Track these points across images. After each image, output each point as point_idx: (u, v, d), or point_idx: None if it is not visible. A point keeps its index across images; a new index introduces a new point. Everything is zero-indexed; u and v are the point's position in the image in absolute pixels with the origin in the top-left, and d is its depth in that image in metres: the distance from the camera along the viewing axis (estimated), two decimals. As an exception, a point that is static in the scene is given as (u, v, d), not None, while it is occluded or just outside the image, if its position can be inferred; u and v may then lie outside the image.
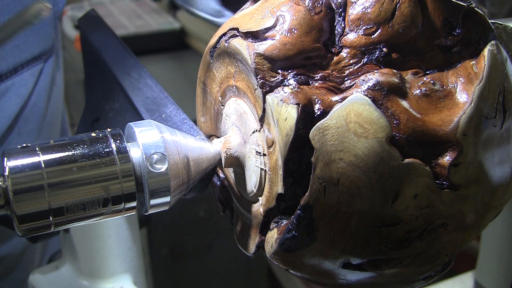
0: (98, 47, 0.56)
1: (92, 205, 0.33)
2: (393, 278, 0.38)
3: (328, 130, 0.33)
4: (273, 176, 0.36)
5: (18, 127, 0.63)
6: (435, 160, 0.34)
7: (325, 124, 0.33)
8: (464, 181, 0.35)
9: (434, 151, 0.34)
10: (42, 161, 0.32)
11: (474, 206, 0.36)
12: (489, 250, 0.76)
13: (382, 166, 0.33)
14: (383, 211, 0.34)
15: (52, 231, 0.34)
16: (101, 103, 0.54)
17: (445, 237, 0.36)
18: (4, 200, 0.32)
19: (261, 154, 0.38)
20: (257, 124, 0.38)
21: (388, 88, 0.33)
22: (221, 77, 0.42)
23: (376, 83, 0.33)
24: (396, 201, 0.33)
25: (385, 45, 0.35)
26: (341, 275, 0.38)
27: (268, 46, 0.35)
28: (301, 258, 0.37)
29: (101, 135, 0.35)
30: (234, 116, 0.41)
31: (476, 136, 0.34)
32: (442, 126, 0.34)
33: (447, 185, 0.34)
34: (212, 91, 0.44)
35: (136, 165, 0.35)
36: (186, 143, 0.37)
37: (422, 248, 0.36)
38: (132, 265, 0.57)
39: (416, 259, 0.36)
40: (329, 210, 0.34)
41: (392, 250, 0.35)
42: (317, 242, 0.35)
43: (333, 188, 0.33)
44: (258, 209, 0.40)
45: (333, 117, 0.33)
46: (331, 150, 0.33)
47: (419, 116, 0.34)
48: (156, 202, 0.36)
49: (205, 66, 0.43)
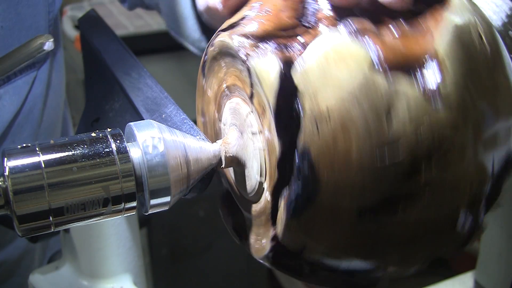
0: (98, 47, 0.56)
1: (92, 205, 0.33)
2: (417, 228, 0.36)
3: (311, 72, 0.34)
4: (271, 147, 0.36)
5: (12, 135, 0.62)
6: (421, 76, 0.35)
7: (307, 66, 0.34)
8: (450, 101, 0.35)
9: (415, 68, 0.35)
10: (42, 161, 0.32)
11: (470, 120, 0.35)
12: (489, 250, 0.76)
13: (370, 94, 0.33)
14: (380, 135, 0.33)
15: (52, 231, 0.34)
16: (101, 103, 0.54)
17: (457, 164, 0.35)
18: (4, 200, 0.32)
19: (256, 133, 0.38)
20: (249, 107, 0.38)
21: (361, 28, 0.35)
22: (215, 92, 0.42)
23: (350, 24, 0.35)
24: (391, 120, 0.33)
25: (359, 10, 0.36)
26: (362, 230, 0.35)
27: (247, 27, 0.37)
28: (313, 223, 0.35)
29: (101, 135, 0.35)
30: (229, 117, 0.41)
31: (455, 48, 0.35)
32: (420, 45, 0.35)
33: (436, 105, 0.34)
34: (209, 113, 0.45)
35: (136, 165, 0.35)
36: (186, 143, 0.37)
37: (436, 178, 0.35)
38: (132, 265, 0.57)
39: (434, 195, 0.35)
40: (327, 149, 0.34)
41: (404, 182, 0.34)
42: (321, 193, 0.34)
43: (326, 124, 0.33)
44: (263, 202, 0.39)
45: (312, 57, 0.34)
46: (317, 88, 0.34)
47: (397, 41, 0.35)
48: (156, 202, 0.36)
49: (200, 92, 0.44)
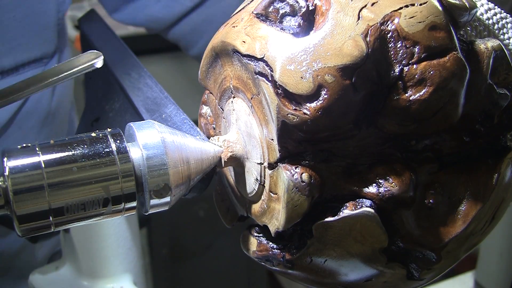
0: (98, 47, 0.56)
1: (92, 205, 0.33)
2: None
3: (331, 229, 0.35)
4: (271, 147, 0.37)
5: (19, 121, 0.63)
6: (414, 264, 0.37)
7: (330, 223, 0.35)
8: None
9: (418, 257, 0.37)
10: (42, 161, 0.32)
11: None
12: (489, 250, 0.76)
13: (368, 264, 0.36)
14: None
15: (52, 231, 0.34)
16: (101, 103, 0.54)
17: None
18: (4, 200, 0.32)
19: (257, 132, 0.38)
20: (250, 107, 0.38)
21: (399, 202, 0.35)
22: (217, 90, 0.42)
23: (391, 196, 0.35)
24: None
25: (415, 136, 0.34)
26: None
27: (298, 119, 0.33)
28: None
29: (101, 135, 0.35)
30: (229, 116, 0.41)
31: (458, 248, 0.37)
32: (432, 243, 0.36)
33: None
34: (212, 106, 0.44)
35: (136, 165, 0.35)
36: (186, 143, 0.37)
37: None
38: (132, 265, 0.57)
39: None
40: (308, 270, 0.37)
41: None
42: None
43: (319, 262, 0.37)
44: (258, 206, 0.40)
45: (341, 221, 0.35)
46: (328, 243, 0.36)
47: (416, 232, 0.36)
48: (156, 202, 0.36)
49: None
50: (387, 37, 0.33)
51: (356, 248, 0.35)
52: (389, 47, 0.33)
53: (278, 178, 0.36)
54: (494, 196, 0.36)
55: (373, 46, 0.32)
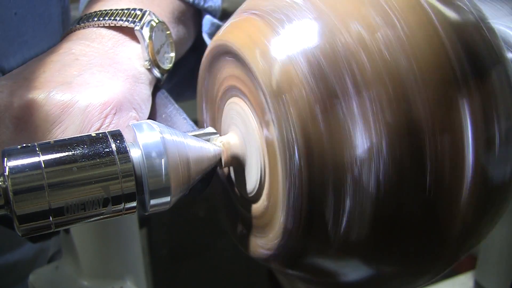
0: (98, 47, 0.56)
1: (92, 205, 0.33)
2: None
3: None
4: (271, 147, 0.36)
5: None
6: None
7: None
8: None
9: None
10: (42, 161, 0.32)
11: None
12: (489, 250, 0.76)
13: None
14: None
15: (52, 231, 0.34)
16: (101, 103, 0.53)
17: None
18: (4, 200, 0.32)
19: (257, 132, 0.38)
20: (249, 107, 0.38)
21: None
22: (215, 91, 0.42)
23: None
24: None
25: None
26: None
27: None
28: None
29: (101, 135, 0.35)
30: (230, 116, 0.41)
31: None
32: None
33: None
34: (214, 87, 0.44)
35: (136, 165, 0.35)
36: (186, 143, 0.37)
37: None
38: (132, 265, 0.57)
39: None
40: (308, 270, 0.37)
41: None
42: None
43: (319, 262, 0.36)
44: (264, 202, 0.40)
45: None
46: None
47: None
48: (156, 202, 0.36)
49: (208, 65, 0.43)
50: None
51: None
52: None
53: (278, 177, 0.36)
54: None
55: None
